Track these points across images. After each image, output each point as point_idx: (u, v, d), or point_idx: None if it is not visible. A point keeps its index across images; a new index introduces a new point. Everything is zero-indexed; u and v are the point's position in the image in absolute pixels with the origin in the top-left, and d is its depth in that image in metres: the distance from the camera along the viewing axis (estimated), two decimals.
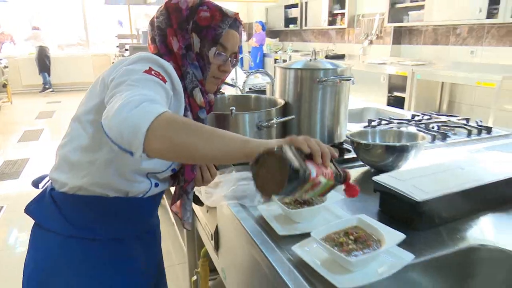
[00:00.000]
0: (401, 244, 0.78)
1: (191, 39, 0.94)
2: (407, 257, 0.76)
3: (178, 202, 1.05)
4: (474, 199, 0.97)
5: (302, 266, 0.78)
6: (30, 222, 1.00)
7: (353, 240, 0.78)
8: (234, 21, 0.97)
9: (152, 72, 0.81)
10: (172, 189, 1.08)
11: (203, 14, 0.94)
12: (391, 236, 0.78)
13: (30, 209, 0.98)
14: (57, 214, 0.93)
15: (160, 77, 0.82)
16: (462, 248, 0.84)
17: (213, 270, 1.72)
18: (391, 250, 0.78)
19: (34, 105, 7.56)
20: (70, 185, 0.92)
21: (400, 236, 0.78)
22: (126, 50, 5.08)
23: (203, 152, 0.68)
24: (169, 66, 0.88)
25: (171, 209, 1.09)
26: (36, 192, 1.01)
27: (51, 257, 0.93)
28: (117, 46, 6.38)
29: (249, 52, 8.13)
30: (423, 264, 0.81)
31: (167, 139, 0.66)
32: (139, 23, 9.14)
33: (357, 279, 0.71)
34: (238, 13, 0.99)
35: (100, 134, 0.85)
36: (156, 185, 0.99)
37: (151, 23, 0.99)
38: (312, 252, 0.80)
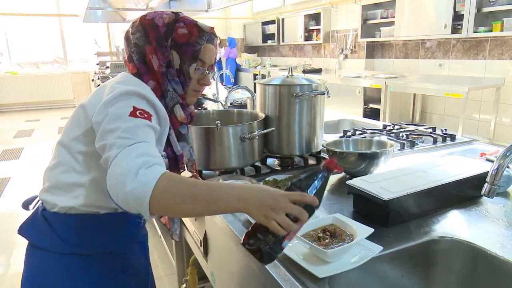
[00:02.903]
0: (372, 238, 0.89)
1: (170, 56, 0.97)
2: (376, 249, 0.87)
3: None
4: (435, 197, 1.09)
5: (286, 261, 0.87)
6: (11, 241, 1.03)
7: (329, 236, 0.89)
8: (210, 35, 1.02)
9: (137, 113, 0.85)
10: None
11: (180, 31, 0.97)
12: (362, 231, 0.89)
13: (23, 230, 1.01)
14: (50, 233, 0.95)
15: (145, 115, 0.87)
16: (424, 241, 0.96)
17: (201, 278, 1.79)
18: (362, 243, 0.89)
19: (12, 124, 7.46)
20: (60, 206, 0.94)
21: (369, 230, 0.89)
22: (107, 67, 5.13)
23: (197, 212, 0.81)
24: (148, 92, 0.92)
25: (160, 221, 1.14)
26: (15, 210, 1.05)
27: (46, 274, 0.96)
28: (97, 64, 6.40)
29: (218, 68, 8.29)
30: (391, 255, 0.92)
31: (167, 205, 0.75)
32: (118, 40, 9.18)
33: (333, 268, 0.82)
34: (213, 28, 1.03)
35: (88, 161, 0.92)
36: None
37: (127, 38, 1.00)
38: (294, 248, 0.90)
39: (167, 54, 0.97)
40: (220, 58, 8.24)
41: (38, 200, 1.02)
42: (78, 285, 0.97)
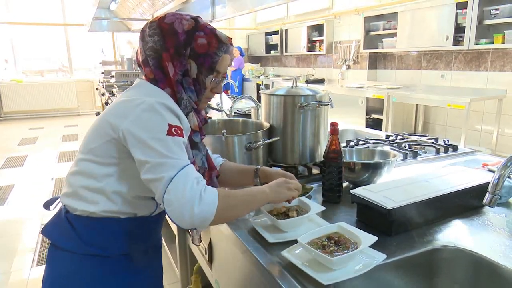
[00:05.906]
0: (376, 247, 0.90)
1: (188, 65, 0.97)
2: (380, 257, 0.88)
3: None
4: (438, 207, 1.11)
5: (291, 268, 0.89)
6: (13, 248, 1.05)
7: (334, 243, 0.90)
8: (227, 46, 1.02)
9: (173, 130, 0.89)
10: None
11: (200, 41, 0.96)
12: (366, 239, 0.90)
13: (46, 231, 1.04)
14: (73, 235, 0.97)
15: (179, 132, 0.91)
16: (427, 249, 0.97)
17: (204, 286, 1.80)
18: (366, 252, 0.90)
19: (16, 132, 7.52)
20: (80, 210, 0.97)
21: (373, 238, 0.90)
22: (112, 76, 5.18)
23: (244, 214, 1.08)
24: (173, 104, 0.95)
25: None
26: (19, 217, 1.07)
27: (66, 274, 0.99)
28: (102, 73, 6.47)
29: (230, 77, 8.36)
30: (394, 264, 0.93)
31: (225, 218, 0.99)
32: (123, 49, 9.28)
33: (338, 276, 0.83)
34: (231, 38, 1.04)
35: (109, 170, 0.95)
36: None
37: (143, 38, 0.99)
38: (299, 256, 0.92)
39: (185, 63, 0.97)
40: None
41: (59, 202, 1.05)
42: (94, 286, 0.99)
